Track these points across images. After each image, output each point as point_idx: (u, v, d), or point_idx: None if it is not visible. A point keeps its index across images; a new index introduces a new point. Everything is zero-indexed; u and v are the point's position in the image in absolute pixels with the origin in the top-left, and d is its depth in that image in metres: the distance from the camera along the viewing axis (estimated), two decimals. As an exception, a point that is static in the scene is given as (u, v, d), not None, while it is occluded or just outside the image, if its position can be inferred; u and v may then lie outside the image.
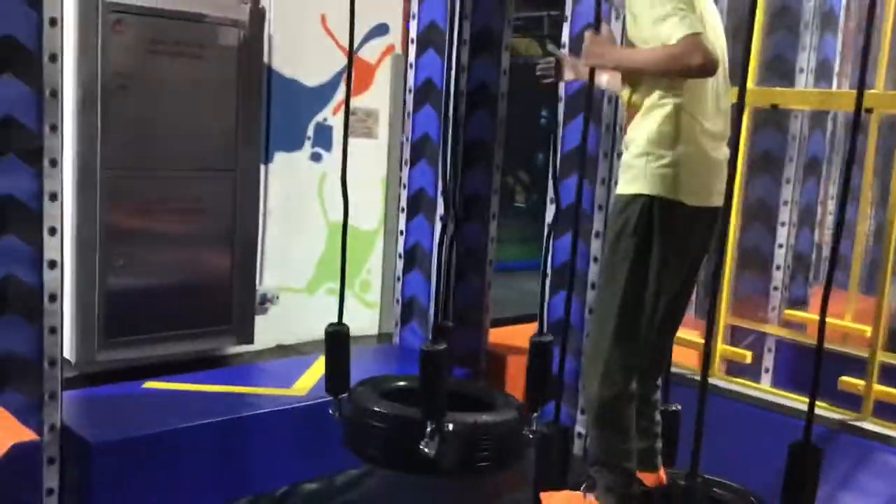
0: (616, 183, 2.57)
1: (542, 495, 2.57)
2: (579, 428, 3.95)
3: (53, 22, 2.87)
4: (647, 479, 2.66)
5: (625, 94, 2.54)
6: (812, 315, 4.69)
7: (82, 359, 4.24)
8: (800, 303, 4.87)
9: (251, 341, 4.83)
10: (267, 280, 5.09)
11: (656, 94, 2.40)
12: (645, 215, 2.37)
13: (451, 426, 2.68)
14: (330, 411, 2.93)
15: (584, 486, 2.63)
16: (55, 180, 2.95)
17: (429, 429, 2.65)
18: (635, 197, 2.40)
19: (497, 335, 4.65)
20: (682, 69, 2.25)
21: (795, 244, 4.64)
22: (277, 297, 5.11)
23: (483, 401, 3.02)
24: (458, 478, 2.97)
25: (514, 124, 5.07)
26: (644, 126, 2.42)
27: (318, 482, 3.57)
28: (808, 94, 4.21)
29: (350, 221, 5.24)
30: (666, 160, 2.37)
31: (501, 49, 4.16)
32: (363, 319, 5.57)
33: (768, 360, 4.65)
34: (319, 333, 3.61)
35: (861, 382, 3.41)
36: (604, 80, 2.74)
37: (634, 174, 2.42)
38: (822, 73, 4.51)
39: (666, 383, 2.87)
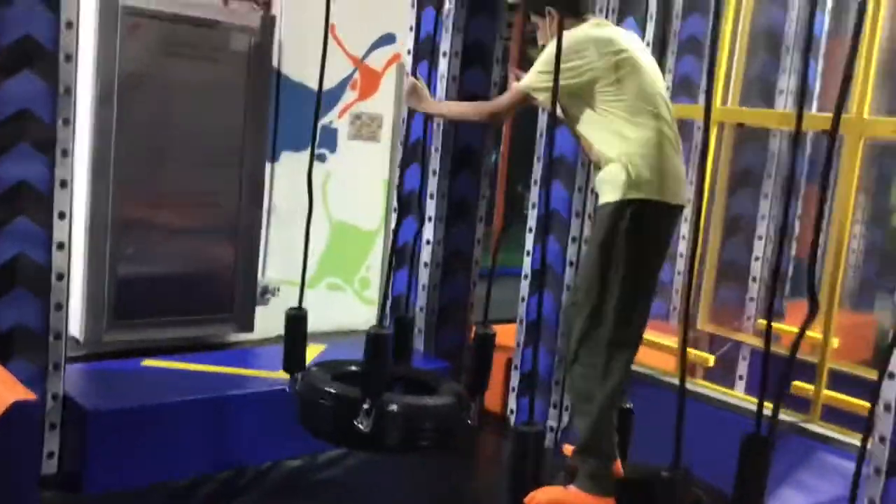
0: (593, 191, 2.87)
1: (526, 499, 2.64)
2: (551, 422, 4.18)
3: (70, 25, 3.16)
4: None
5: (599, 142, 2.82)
6: (785, 326, 4.89)
7: (91, 338, 4.50)
8: (776, 314, 5.05)
9: (251, 329, 5.08)
10: (269, 273, 5.35)
11: (624, 122, 2.71)
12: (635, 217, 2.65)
13: (391, 406, 2.84)
14: (286, 389, 3.17)
15: (563, 478, 2.82)
16: (66, 169, 3.23)
17: (365, 406, 2.81)
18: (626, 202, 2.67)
19: (483, 333, 4.88)
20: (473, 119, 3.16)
21: (773, 258, 4.83)
22: (279, 290, 5.36)
23: (429, 386, 3.23)
24: (396, 454, 3.18)
25: (529, 137, 5.27)
26: (623, 147, 2.70)
27: (300, 459, 3.82)
28: (770, 114, 4.42)
29: (352, 221, 5.64)
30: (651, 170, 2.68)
31: (493, 62, 4.41)
32: (361, 315, 5.80)
33: (742, 368, 4.86)
34: (319, 325, 3.85)
35: (811, 387, 3.61)
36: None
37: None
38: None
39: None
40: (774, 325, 4.91)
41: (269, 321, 5.28)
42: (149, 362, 3.87)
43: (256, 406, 3.72)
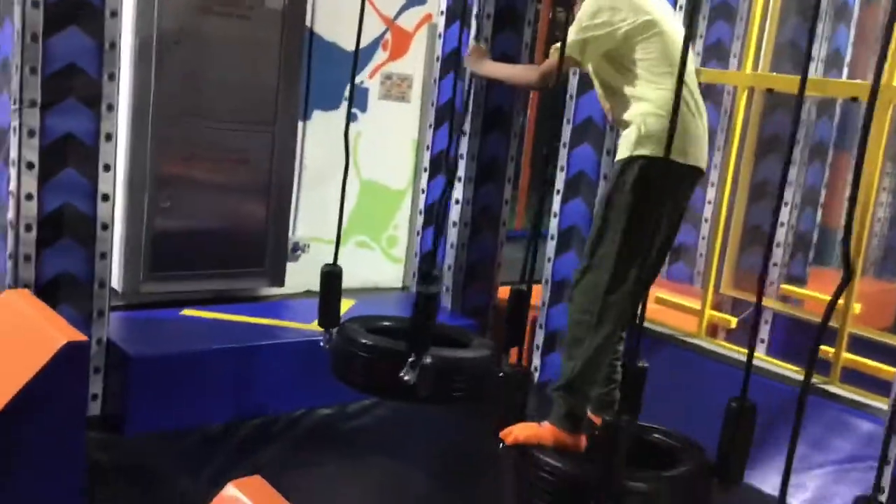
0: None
1: (502, 433, 2.81)
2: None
3: (116, -19, 3.25)
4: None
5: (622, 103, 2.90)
6: (807, 291, 4.96)
7: (128, 289, 4.63)
8: (799, 280, 5.12)
9: (282, 284, 5.20)
10: (300, 230, 5.45)
11: (645, 83, 2.78)
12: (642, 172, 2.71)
13: (429, 359, 2.97)
14: (321, 343, 3.28)
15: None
16: (111, 123, 3.35)
17: (411, 359, 2.95)
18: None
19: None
20: (525, 84, 3.10)
21: (797, 224, 4.88)
22: (308, 246, 5.47)
23: (462, 342, 3.35)
24: (434, 404, 3.30)
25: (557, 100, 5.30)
26: (640, 107, 2.79)
27: (331, 408, 3.96)
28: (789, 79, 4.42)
29: (380, 180, 5.73)
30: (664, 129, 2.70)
31: (524, 24, 4.45)
32: (389, 273, 5.91)
33: (764, 332, 4.93)
34: (347, 282, 3.94)
35: (832, 350, 3.69)
36: None
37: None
38: (834, 62, 4.72)
39: (637, 341, 3.13)
40: (796, 289, 4.99)
41: (299, 276, 5.40)
42: (188, 312, 4.01)
43: (290, 356, 3.85)
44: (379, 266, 5.89)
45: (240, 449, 3.52)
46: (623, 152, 2.77)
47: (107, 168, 3.35)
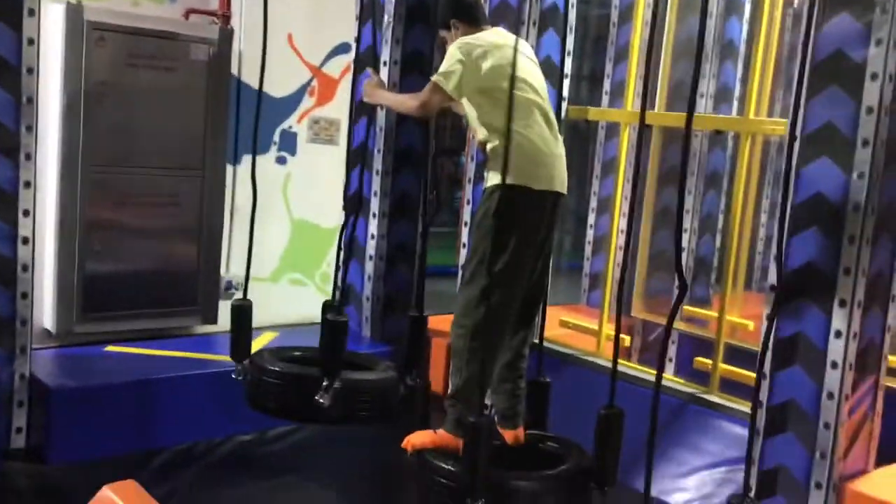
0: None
1: (403, 442, 3.11)
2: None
3: (31, 41, 3.52)
4: (507, 435, 3.19)
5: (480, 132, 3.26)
6: (709, 312, 5.25)
7: (62, 330, 4.82)
8: (703, 302, 5.42)
9: (215, 322, 5.41)
10: (233, 269, 5.69)
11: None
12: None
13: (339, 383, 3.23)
14: (232, 375, 3.50)
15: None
16: (29, 171, 3.60)
17: (325, 383, 3.22)
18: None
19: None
20: (407, 111, 3.43)
21: (697, 249, 5.20)
22: (241, 284, 5.70)
23: (366, 366, 3.60)
24: (343, 425, 3.54)
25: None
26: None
27: (250, 435, 4.17)
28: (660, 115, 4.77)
29: (312, 219, 5.99)
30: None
31: (432, 70, 4.76)
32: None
33: (671, 351, 5.21)
34: (281, 318, 4.16)
35: (710, 362, 3.97)
36: None
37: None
38: (723, 97, 5.09)
39: (539, 358, 3.39)
40: (700, 310, 5.27)
41: (233, 314, 5.64)
42: (112, 348, 4.22)
43: (210, 385, 4.07)
44: (314, 302, 6.09)
45: (159, 474, 3.72)
46: (488, 181, 3.08)
47: (26, 213, 3.59)
